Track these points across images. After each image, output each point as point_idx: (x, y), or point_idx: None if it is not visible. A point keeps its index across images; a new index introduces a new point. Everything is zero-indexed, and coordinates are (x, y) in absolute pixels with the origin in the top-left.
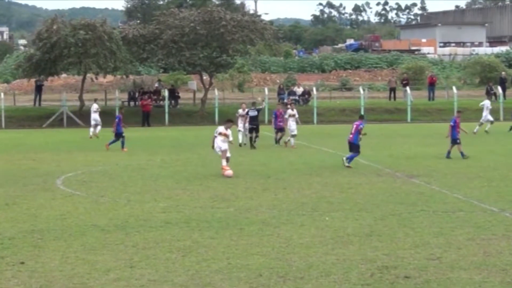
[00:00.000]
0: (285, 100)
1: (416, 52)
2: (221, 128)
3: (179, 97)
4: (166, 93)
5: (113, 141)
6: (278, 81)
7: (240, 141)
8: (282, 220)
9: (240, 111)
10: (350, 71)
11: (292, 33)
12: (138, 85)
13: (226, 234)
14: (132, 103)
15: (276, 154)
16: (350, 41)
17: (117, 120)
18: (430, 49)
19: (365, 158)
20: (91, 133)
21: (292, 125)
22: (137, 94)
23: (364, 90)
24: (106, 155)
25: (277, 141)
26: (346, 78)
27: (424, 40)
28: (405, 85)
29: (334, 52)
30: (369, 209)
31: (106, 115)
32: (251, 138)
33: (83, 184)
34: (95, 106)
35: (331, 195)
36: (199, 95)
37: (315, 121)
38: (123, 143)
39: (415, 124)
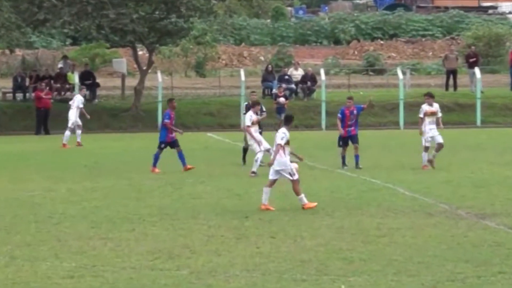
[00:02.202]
0: (275, 90)
1: (491, 11)
2: (284, 132)
3: (98, 85)
4: (76, 78)
5: (181, 157)
6: (262, 58)
7: (255, 169)
8: None
9: (251, 116)
10: (382, 42)
11: None
12: (31, 65)
13: None
14: (19, 95)
15: (259, 179)
16: None
17: (167, 120)
18: None
19: (406, 185)
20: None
21: (433, 130)
22: (28, 81)
23: (404, 73)
24: None
25: (344, 161)
26: (375, 54)
27: None
28: (472, 65)
29: (354, 10)
30: (413, 271)
31: None
32: (245, 150)
33: None
34: (79, 99)
35: (349, 247)
36: (132, 81)
37: (323, 124)
38: (155, 159)
39: (488, 129)
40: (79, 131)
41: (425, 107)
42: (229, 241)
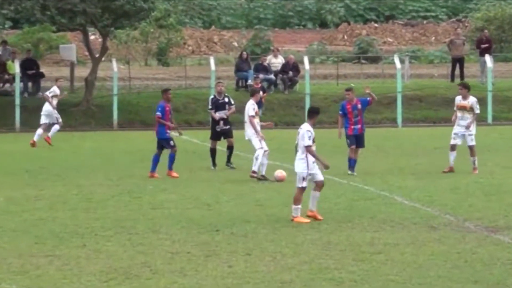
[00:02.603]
0: (250, 81)
1: None
2: (309, 129)
3: (42, 75)
4: (16, 67)
5: (155, 160)
6: (235, 44)
7: (256, 168)
8: None
9: (254, 105)
10: (377, 25)
11: None
12: None
13: None
14: None
15: (234, 187)
16: None
17: (158, 113)
18: None
19: (405, 193)
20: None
21: (460, 128)
22: None
23: (403, 61)
24: None
25: (351, 166)
26: (368, 39)
27: None
28: (483, 52)
29: None
30: None
31: None
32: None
33: None
34: (52, 90)
35: (338, 266)
36: (82, 71)
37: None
38: (170, 161)
39: (500, 127)
40: (40, 131)
41: (457, 99)
42: (197, 259)
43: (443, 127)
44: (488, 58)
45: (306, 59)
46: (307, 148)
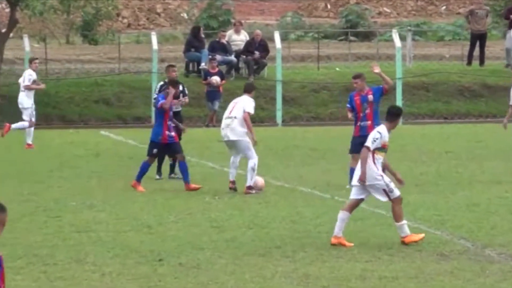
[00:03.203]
0: (204, 64)
1: None
2: (381, 131)
3: None
4: None
5: (183, 169)
6: (185, 15)
7: (252, 182)
8: None
9: (252, 102)
10: None
11: None
12: None
13: None
14: None
15: (183, 203)
16: None
17: (162, 101)
18: None
19: (407, 211)
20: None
21: None
22: None
23: (403, 38)
24: None
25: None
26: (358, 9)
27: None
28: None
29: None
30: None
31: None
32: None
33: None
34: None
35: None
36: None
37: (278, 117)
38: (141, 170)
39: None
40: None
41: (511, 91)
42: None
43: (457, 124)
44: None
45: (277, 36)
46: (363, 150)
